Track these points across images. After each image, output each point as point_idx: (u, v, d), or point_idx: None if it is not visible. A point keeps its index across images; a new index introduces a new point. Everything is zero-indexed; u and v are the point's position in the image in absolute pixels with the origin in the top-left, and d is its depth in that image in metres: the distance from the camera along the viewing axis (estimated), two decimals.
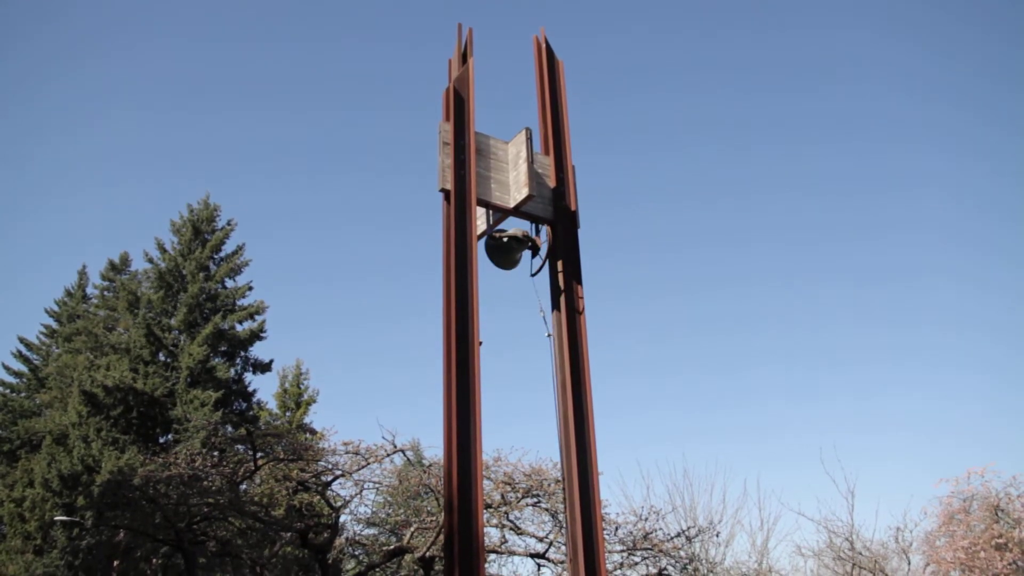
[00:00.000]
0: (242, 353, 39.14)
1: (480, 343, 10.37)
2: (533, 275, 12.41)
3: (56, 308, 48.02)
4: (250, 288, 40.52)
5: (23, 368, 45.94)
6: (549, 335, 11.93)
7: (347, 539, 19.07)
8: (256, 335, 39.19)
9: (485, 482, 13.40)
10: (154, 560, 18.49)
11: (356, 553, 20.14)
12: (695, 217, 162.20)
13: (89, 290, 48.29)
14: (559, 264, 12.29)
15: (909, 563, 27.92)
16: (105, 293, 45.52)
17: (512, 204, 11.92)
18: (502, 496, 15.09)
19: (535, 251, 12.53)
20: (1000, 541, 19.03)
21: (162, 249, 39.52)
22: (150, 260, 39.58)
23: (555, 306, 12.13)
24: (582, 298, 12.07)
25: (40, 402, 39.52)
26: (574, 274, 12.21)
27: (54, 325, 47.43)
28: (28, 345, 46.60)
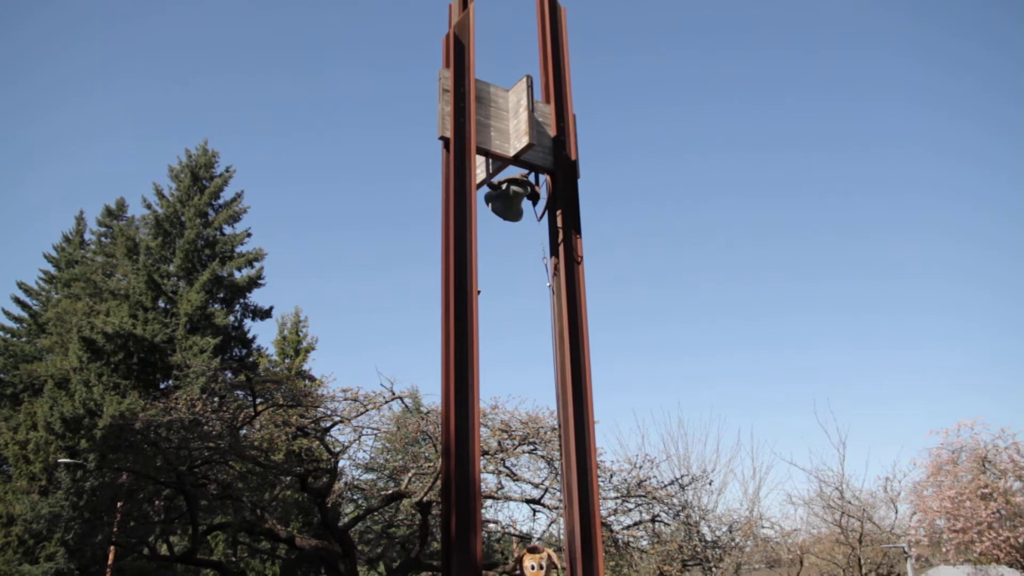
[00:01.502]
0: (241, 300, 39.25)
1: (479, 292, 10.42)
2: (539, 219, 12.41)
3: (54, 254, 47.98)
4: (248, 235, 40.42)
5: (23, 314, 46.11)
6: (550, 285, 11.99)
7: (346, 484, 19.40)
8: (254, 282, 39.25)
9: (482, 429, 13.60)
10: (157, 502, 18.80)
11: (355, 497, 20.51)
12: (698, 169, 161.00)
13: (87, 236, 48.18)
14: (558, 213, 12.28)
15: (896, 512, 28.54)
16: (103, 239, 45.47)
17: (512, 153, 11.85)
18: (499, 443, 15.31)
19: (535, 200, 12.51)
20: (985, 491, 19.39)
21: (160, 195, 39.31)
22: (148, 206, 39.40)
23: (554, 255, 12.16)
24: (581, 247, 12.09)
25: (41, 347, 39.76)
26: (573, 224, 12.20)
27: (52, 271, 47.45)
28: (27, 291, 46.67)
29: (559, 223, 12.16)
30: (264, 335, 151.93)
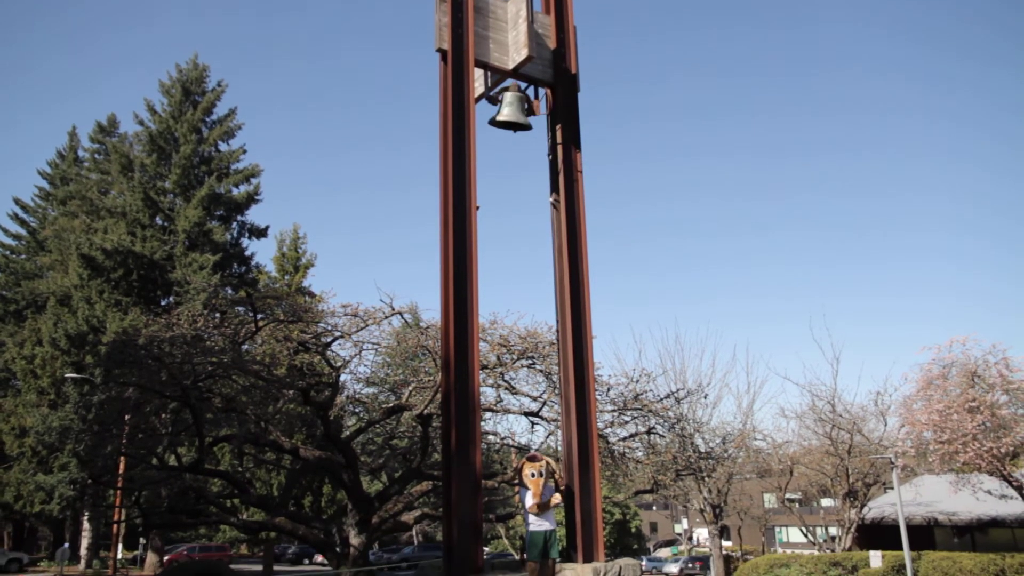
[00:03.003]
0: (238, 217, 39.12)
1: (477, 207, 10.42)
2: (545, 114, 12.24)
3: (49, 170, 47.50)
4: (244, 152, 40.00)
5: (21, 231, 46.00)
6: (552, 201, 11.96)
7: (347, 397, 19.77)
8: (252, 198, 39.03)
9: (481, 344, 13.79)
10: (163, 415, 19.21)
11: (356, 410, 20.95)
12: (699, 90, 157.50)
13: (80, 153, 47.61)
14: (558, 128, 12.14)
15: (885, 424, 29.24)
16: (96, 156, 44.94)
17: (511, 65, 11.63)
18: (498, 357, 15.55)
19: (534, 114, 12.34)
20: (973, 404, 19.82)
21: (152, 111, 38.64)
22: (140, 123, 38.78)
23: (553, 169, 12.09)
24: (580, 161, 12.01)
25: (41, 264, 39.82)
26: (573, 138, 12.07)
27: (48, 188, 47.10)
28: (24, 207, 46.43)
29: (559, 137, 12.04)
30: (263, 252, 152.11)
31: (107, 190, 39.66)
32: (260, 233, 39.78)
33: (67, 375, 29.67)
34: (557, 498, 10.74)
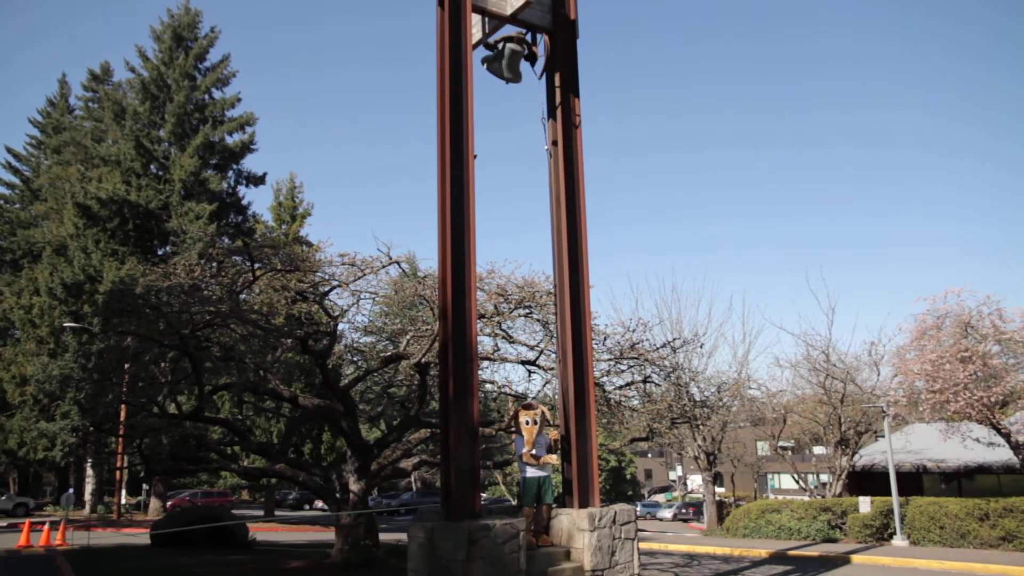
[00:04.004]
0: (234, 166, 38.79)
1: (475, 155, 10.35)
2: (539, 78, 12.12)
3: (40, 119, 46.91)
4: (239, 99, 39.47)
5: (14, 180, 45.64)
6: (548, 148, 11.88)
7: (345, 346, 19.88)
8: (247, 147, 38.66)
9: (478, 293, 13.83)
10: (163, 364, 19.32)
11: (355, 359, 21.09)
12: (697, 43, 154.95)
13: (72, 101, 47.00)
14: (557, 75, 12.00)
15: (879, 374, 29.56)
16: (90, 104, 44.38)
17: (509, 11, 11.44)
18: (495, 307, 15.59)
19: (532, 61, 12.18)
20: (965, 355, 20.02)
21: (144, 57, 38.01)
22: (132, 69, 38.19)
23: (552, 117, 11.99)
24: (579, 109, 11.91)
25: (36, 213, 39.60)
26: (571, 86, 11.95)
27: (40, 136, 46.57)
28: (16, 156, 45.98)
29: (557, 85, 11.91)
30: (259, 202, 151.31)
31: (101, 138, 39.22)
32: (257, 180, 39.49)
33: (65, 324, 29.77)
34: (553, 459, 10.92)
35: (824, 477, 34.37)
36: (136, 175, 35.07)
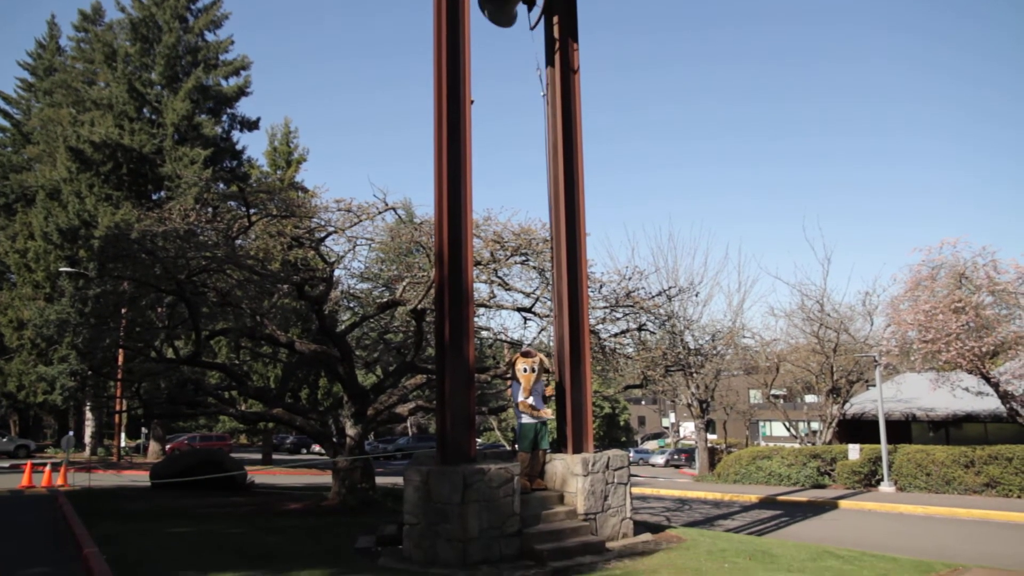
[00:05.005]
0: (228, 110, 38.28)
1: (472, 101, 10.22)
2: (532, 28, 11.91)
3: (30, 61, 46.03)
4: (232, 43, 38.79)
5: (5, 123, 44.99)
6: (544, 95, 11.72)
7: (342, 292, 19.90)
8: (242, 91, 38.09)
9: (475, 240, 13.79)
10: (159, 309, 19.36)
11: (351, 305, 21.14)
12: None
13: (63, 42, 46.04)
14: (555, 20, 11.77)
15: (872, 324, 29.78)
16: (81, 45, 43.45)
17: None
18: (491, 254, 15.56)
19: (530, 4, 11.93)
20: (959, 305, 20.12)
21: None
22: (122, 9, 37.35)
23: (550, 63, 11.80)
24: (577, 57, 11.71)
25: (29, 157, 39.15)
26: (570, 30, 11.73)
27: (30, 79, 45.77)
28: (6, 99, 45.26)
29: (555, 31, 11.71)
30: (254, 147, 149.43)
31: (92, 81, 38.58)
32: (251, 125, 39.01)
33: (61, 269, 29.71)
34: (548, 413, 11.03)
35: (815, 425, 34.89)
36: (129, 119, 34.60)
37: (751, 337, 33.14)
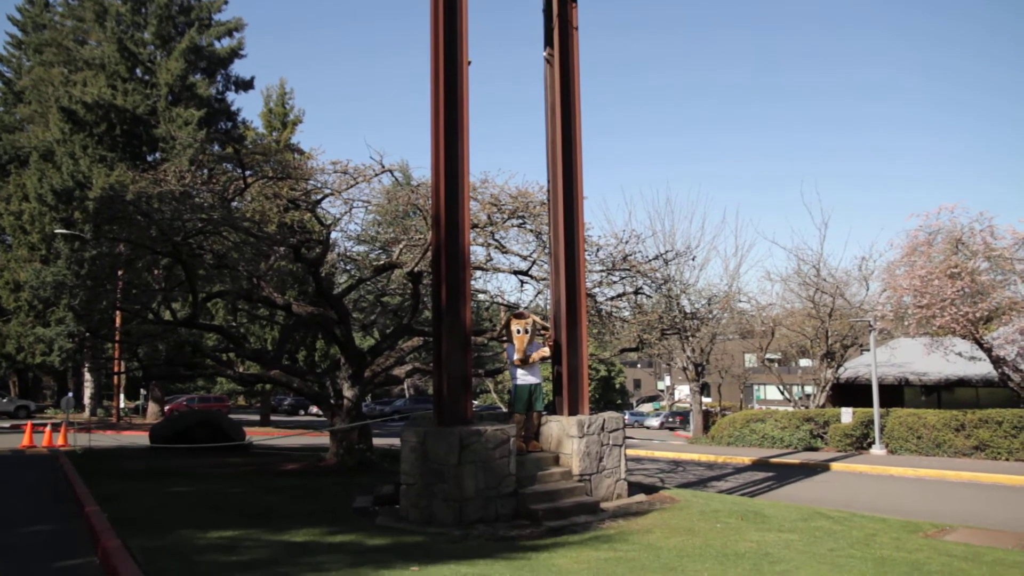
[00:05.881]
0: (222, 71, 37.85)
1: (469, 62, 10.12)
2: None
3: (19, 16, 45.30)
4: (226, 2, 38.19)
5: None
6: (545, 55, 11.60)
7: (338, 255, 19.88)
8: (235, 52, 37.65)
9: (472, 203, 13.75)
10: (156, 271, 19.35)
11: (347, 268, 21.12)
12: None
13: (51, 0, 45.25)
14: None
15: (868, 289, 29.88)
16: (70, 1, 42.72)
17: None
18: (488, 217, 15.53)
19: None
20: (955, 271, 20.18)
21: None
22: None
23: (548, 23, 11.65)
24: (577, 15, 11.57)
25: (21, 116, 38.74)
26: None
27: (20, 35, 45.08)
28: None
29: None
30: (249, 109, 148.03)
31: (83, 40, 38.02)
32: (246, 85, 38.59)
33: (56, 231, 29.60)
34: (545, 351, 11.10)
35: (809, 389, 35.18)
36: (121, 79, 34.20)
37: (747, 301, 33.27)
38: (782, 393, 36.24)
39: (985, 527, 10.08)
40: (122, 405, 40.58)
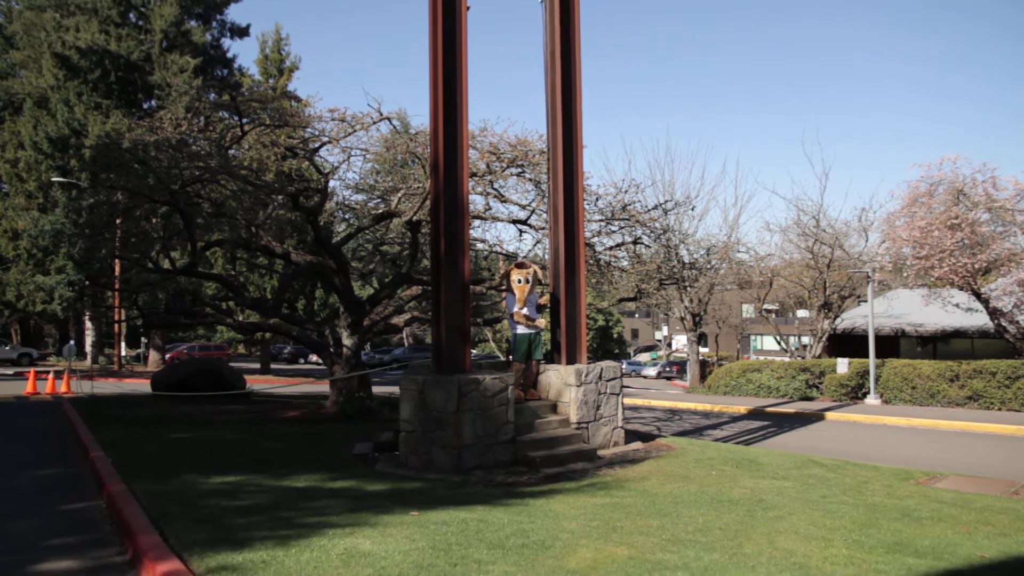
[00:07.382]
0: (217, 16, 37.13)
1: (467, 7, 9.94)
2: None
3: None
4: None
5: None
6: (543, 1, 11.38)
7: (337, 203, 19.78)
8: None
9: (470, 152, 13.64)
10: (154, 219, 19.26)
11: (346, 216, 21.04)
12: None
13: None
14: None
15: (867, 240, 29.84)
16: None
17: None
18: (487, 165, 15.41)
19: None
20: (955, 222, 20.13)
21: None
22: None
23: None
24: None
25: (13, 62, 38.10)
26: None
27: None
28: None
29: None
30: (245, 56, 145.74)
31: None
32: (241, 32, 37.89)
33: (53, 179, 29.39)
34: (542, 323, 11.16)
35: (806, 339, 35.38)
36: (115, 24, 33.56)
37: (746, 252, 33.27)
38: (779, 343, 36.48)
39: (976, 475, 10.25)
40: (123, 353, 40.85)
